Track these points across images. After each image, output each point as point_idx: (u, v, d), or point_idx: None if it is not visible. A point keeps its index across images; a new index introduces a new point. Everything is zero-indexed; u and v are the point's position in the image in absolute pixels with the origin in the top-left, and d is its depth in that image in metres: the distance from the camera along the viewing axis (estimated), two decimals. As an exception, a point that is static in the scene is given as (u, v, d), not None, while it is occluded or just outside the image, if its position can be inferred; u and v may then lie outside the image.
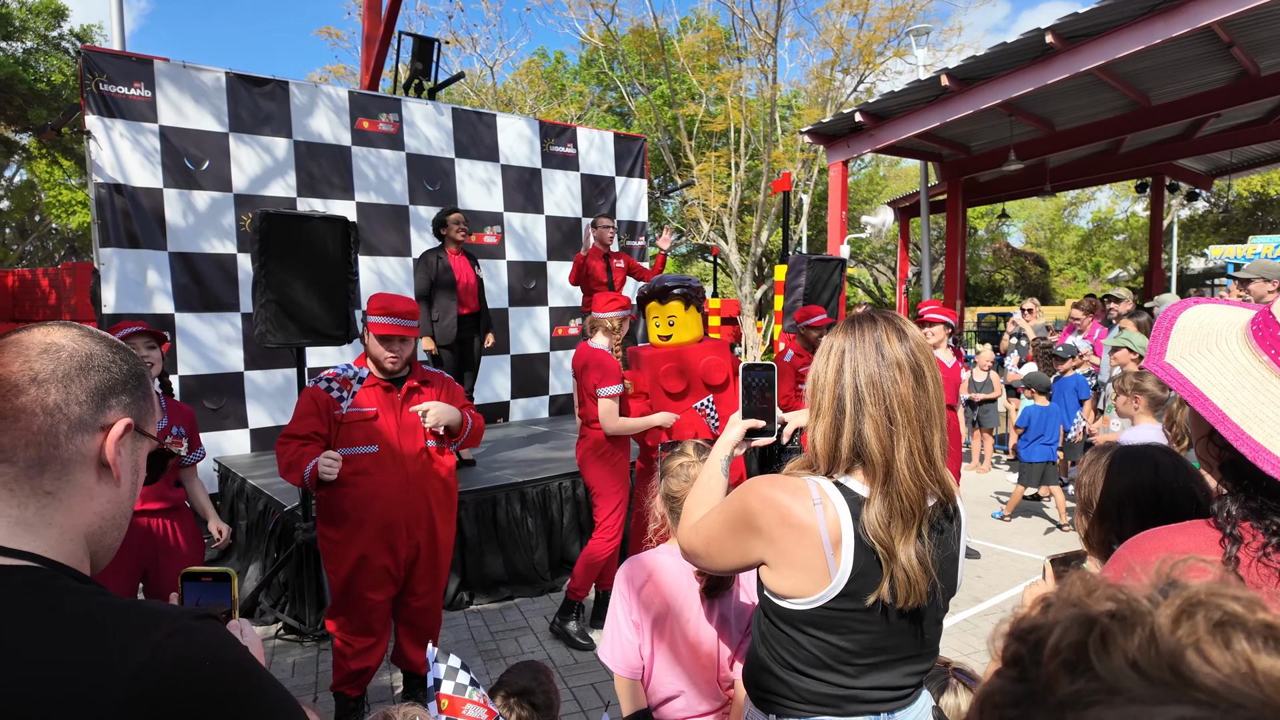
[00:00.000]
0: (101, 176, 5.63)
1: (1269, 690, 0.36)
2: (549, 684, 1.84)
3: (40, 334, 0.81)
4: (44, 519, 0.77)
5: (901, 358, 1.21)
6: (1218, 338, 0.90)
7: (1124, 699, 0.37)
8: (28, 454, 0.77)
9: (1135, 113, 8.80)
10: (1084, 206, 31.53)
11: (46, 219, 24.67)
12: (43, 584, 0.73)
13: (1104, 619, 0.40)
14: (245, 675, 0.76)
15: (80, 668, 0.68)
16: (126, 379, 0.84)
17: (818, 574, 1.20)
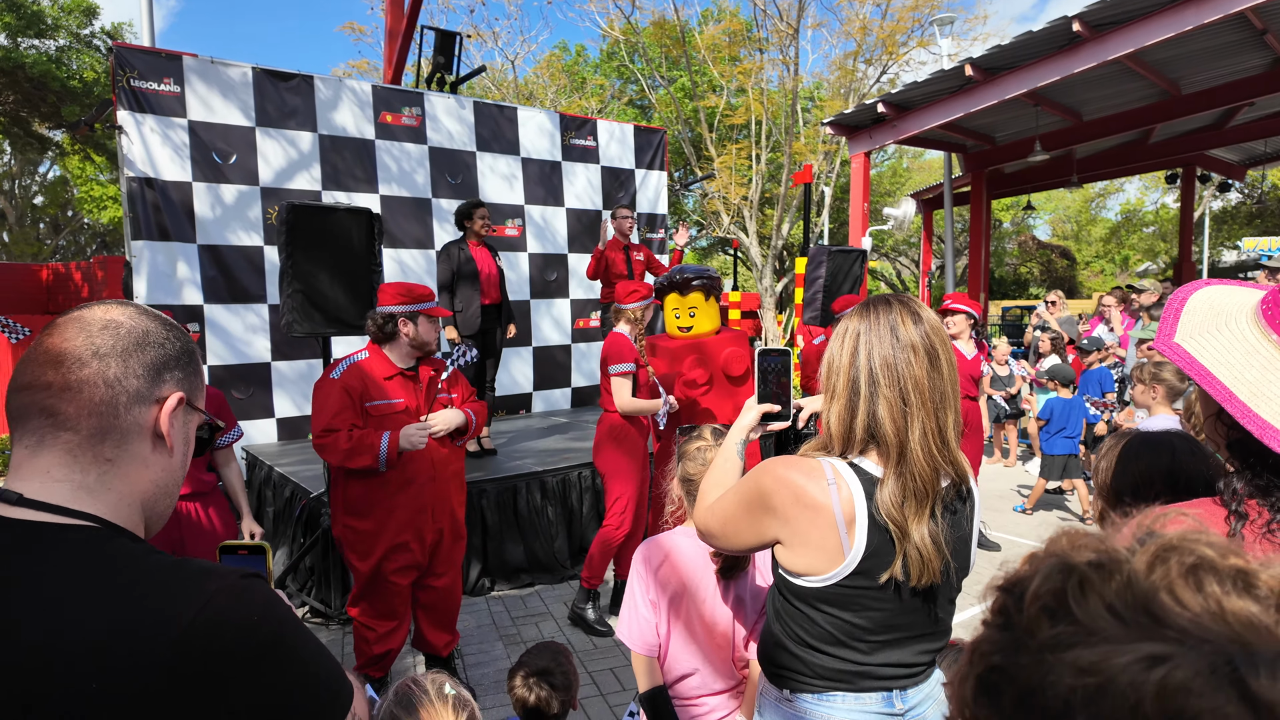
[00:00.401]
0: (133, 170, 5.75)
1: (1236, 627, 0.38)
2: (568, 664, 1.88)
3: (101, 311, 0.86)
4: (104, 484, 0.82)
5: (916, 340, 1.23)
6: (1228, 318, 0.91)
7: (1099, 639, 0.39)
8: (90, 423, 0.81)
9: (1165, 102, 8.64)
10: (1112, 198, 31.00)
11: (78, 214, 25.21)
12: (102, 542, 0.78)
13: (1083, 567, 0.42)
14: (288, 632, 0.80)
15: (136, 618, 0.73)
16: (179, 355, 0.89)
17: (831, 552, 1.22)
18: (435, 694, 1.17)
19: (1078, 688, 0.38)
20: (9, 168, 24.34)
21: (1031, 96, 7.80)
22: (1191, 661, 0.36)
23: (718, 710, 1.76)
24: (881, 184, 25.37)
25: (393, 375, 2.89)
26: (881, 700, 1.26)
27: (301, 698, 0.80)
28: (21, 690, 0.69)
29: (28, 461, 0.81)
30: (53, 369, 0.81)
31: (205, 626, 0.74)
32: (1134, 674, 0.37)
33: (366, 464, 2.71)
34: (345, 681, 0.88)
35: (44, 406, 0.81)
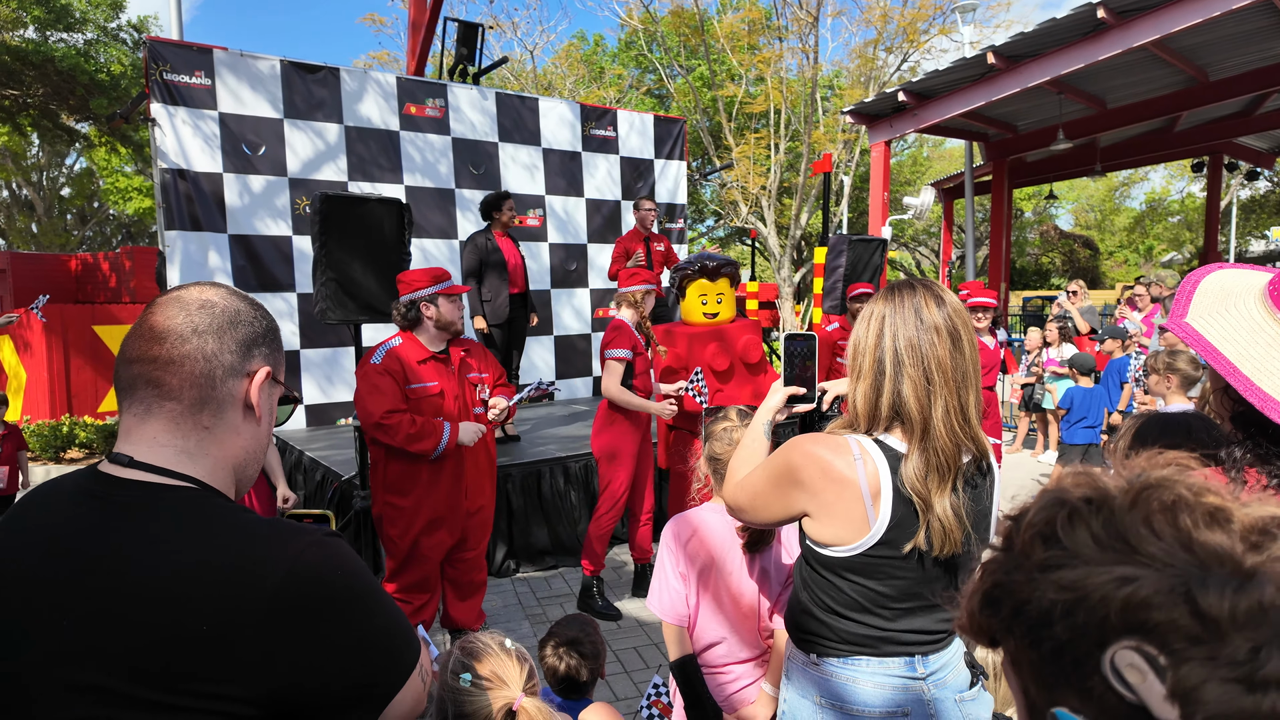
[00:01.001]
0: (166, 162, 5.89)
1: (1201, 555, 0.44)
2: (596, 635, 1.97)
3: (197, 291, 0.94)
4: (202, 450, 0.91)
5: (939, 322, 1.29)
6: (1237, 299, 0.96)
7: (1081, 562, 0.46)
8: (191, 394, 0.90)
9: (1192, 89, 8.53)
10: (1136, 187, 30.53)
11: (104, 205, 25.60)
12: (203, 501, 0.88)
13: (1075, 500, 0.49)
14: (368, 584, 0.89)
15: (237, 567, 0.82)
16: (265, 333, 0.97)
17: (857, 523, 1.29)
18: (498, 646, 1.26)
19: (1058, 601, 0.46)
20: (37, 160, 24.77)
21: (1055, 84, 7.73)
22: (1154, 581, 0.43)
23: (744, 678, 1.84)
24: (901, 173, 25.16)
25: (426, 359, 2.99)
26: (904, 665, 1.33)
27: (378, 645, 0.88)
28: (136, 629, 0.77)
29: (136, 428, 0.90)
30: (157, 344, 0.89)
31: (298, 576, 0.82)
32: (1106, 590, 0.44)
33: (426, 450, 2.83)
34: (415, 635, 0.96)
35: (150, 378, 0.89)
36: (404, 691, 0.90)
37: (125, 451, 0.88)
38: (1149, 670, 0.42)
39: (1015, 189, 13.22)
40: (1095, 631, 0.44)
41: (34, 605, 0.81)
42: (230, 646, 0.78)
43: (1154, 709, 0.42)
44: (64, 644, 0.79)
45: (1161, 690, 0.42)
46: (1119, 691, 0.43)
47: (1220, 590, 0.41)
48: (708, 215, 25.83)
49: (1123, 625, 0.43)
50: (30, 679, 0.79)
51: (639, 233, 5.85)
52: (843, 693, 1.33)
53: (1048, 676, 0.48)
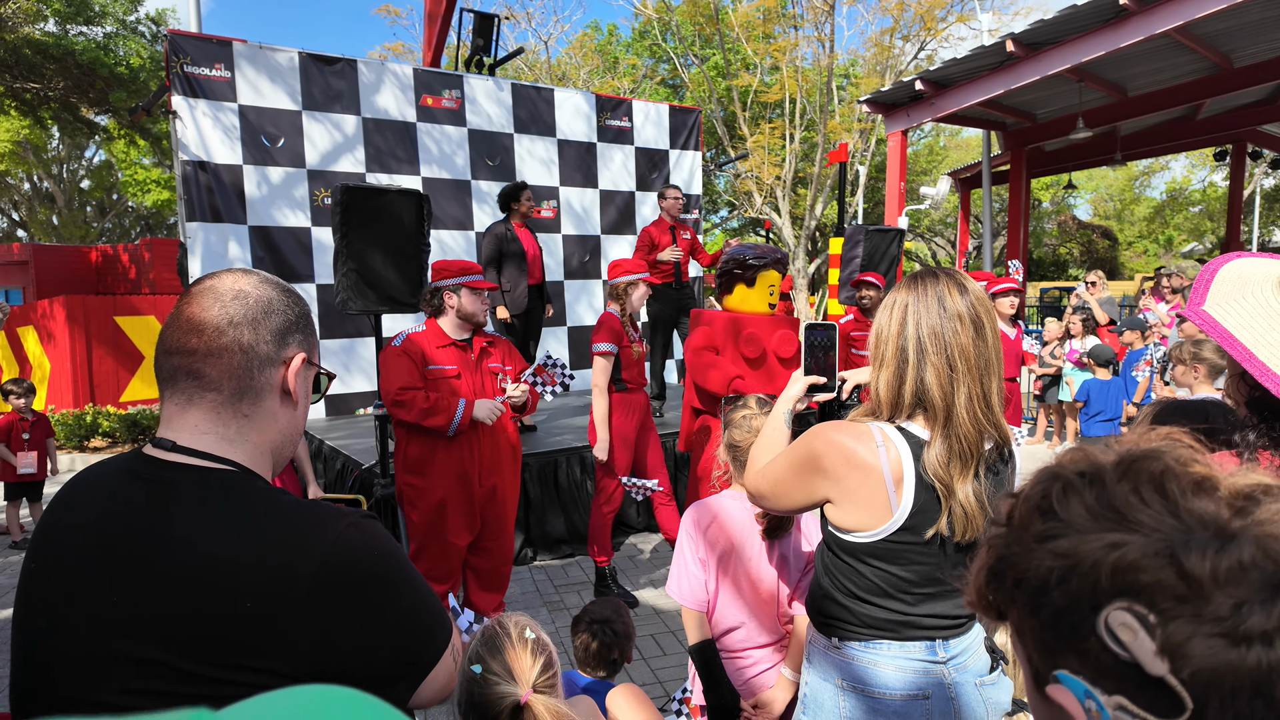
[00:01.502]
0: (186, 154, 5.96)
1: (1187, 520, 0.46)
2: (627, 617, 2.01)
3: (230, 281, 0.95)
4: (242, 436, 0.93)
5: (963, 310, 1.30)
6: (1254, 286, 0.97)
7: (1074, 531, 0.49)
8: (230, 384, 0.92)
9: (1216, 75, 8.41)
10: (1157, 176, 30.09)
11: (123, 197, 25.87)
12: (245, 484, 0.90)
13: (1069, 475, 0.52)
14: (404, 564, 0.93)
15: (277, 548, 0.84)
16: (299, 319, 0.98)
17: (880, 510, 1.30)
18: (517, 637, 1.26)
19: (1054, 569, 0.49)
20: (58, 153, 25.05)
21: (1075, 72, 7.65)
22: (1141, 545, 0.46)
23: (762, 663, 1.87)
24: (918, 163, 24.95)
25: (446, 344, 3.05)
26: (925, 649, 1.35)
27: (414, 623, 0.91)
28: (182, 605, 0.80)
29: (178, 416, 0.92)
30: (195, 336, 0.91)
31: (338, 556, 0.85)
32: (1097, 556, 0.47)
33: (439, 424, 2.88)
34: (447, 617, 0.99)
35: (190, 370, 0.91)
36: (438, 669, 0.93)
37: (168, 437, 0.91)
38: (1140, 628, 0.45)
39: (1033, 178, 13.09)
40: (1089, 595, 0.47)
41: (85, 582, 0.84)
42: (274, 624, 0.80)
43: (1145, 665, 0.45)
44: (114, 619, 0.82)
45: (1152, 646, 0.44)
46: (1114, 650, 0.46)
47: (1202, 551, 0.44)
48: (721, 206, 25.74)
49: (1114, 588, 0.46)
50: (82, 652, 0.82)
51: (665, 222, 5.83)
52: (864, 676, 1.35)
53: (1048, 641, 0.51)
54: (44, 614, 0.87)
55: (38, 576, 0.89)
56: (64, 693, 0.83)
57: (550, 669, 1.25)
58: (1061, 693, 0.50)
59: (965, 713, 1.35)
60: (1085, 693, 0.48)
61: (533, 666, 1.22)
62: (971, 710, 1.36)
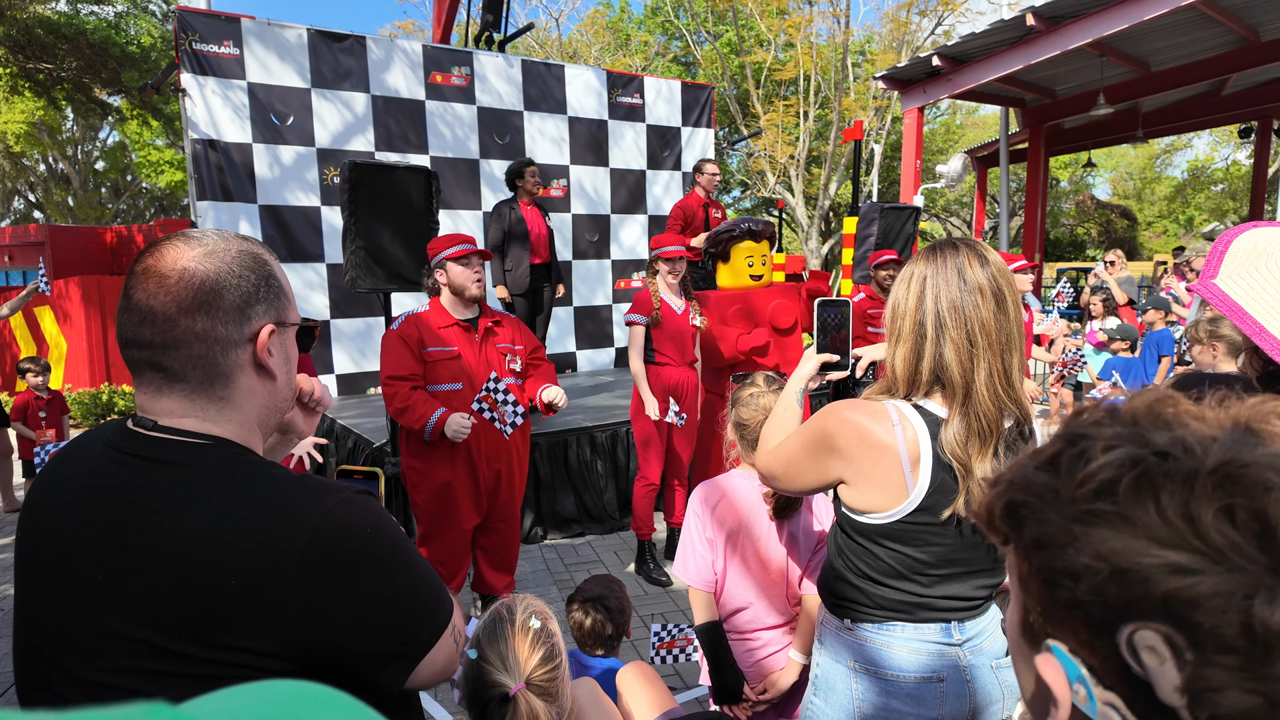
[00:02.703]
0: (196, 133, 5.94)
1: (1274, 557, 0.38)
2: (621, 593, 2.00)
3: (171, 258, 0.85)
4: (224, 416, 0.90)
5: (983, 282, 1.24)
6: (1267, 259, 0.93)
7: (1132, 531, 0.41)
8: (196, 373, 0.87)
9: (1242, 49, 8.19)
10: (1179, 155, 29.52)
11: (137, 178, 25.97)
12: (235, 458, 0.88)
13: (1150, 458, 0.42)
14: (399, 541, 0.89)
15: (269, 522, 0.82)
16: (257, 286, 0.89)
17: (895, 490, 1.27)
18: (520, 625, 1.23)
19: (1092, 568, 0.42)
20: (72, 134, 25.15)
21: (1097, 47, 7.47)
22: (1214, 583, 0.38)
23: (771, 644, 1.85)
24: (934, 141, 24.59)
25: (449, 325, 3.00)
26: (940, 631, 1.32)
27: (409, 602, 0.89)
28: (168, 582, 0.78)
29: (152, 403, 0.88)
30: (148, 327, 0.85)
31: (328, 532, 0.82)
32: (1153, 574, 0.39)
33: (411, 426, 2.84)
34: (446, 596, 0.95)
35: (152, 362, 0.86)
36: (436, 650, 0.90)
37: (148, 419, 0.88)
38: (1170, 658, 0.39)
39: (1052, 157, 12.86)
40: (1123, 605, 0.41)
41: (71, 558, 0.83)
42: (261, 601, 0.78)
43: (1161, 693, 0.40)
44: (100, 595, 0.80)
45: (1177, 681, 0.39)
46: (1126, 660, 0.41)
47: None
48: (734, 186, 25.53)
49: (1158, 611, 0.39)
50: (75, 628, 0.81)
51: (699, 197, 5.75)
52: (877, 658, 1.33)
53: (1055, 614, 0.45)
54: (38, 589, 0.86)
55: (27, 551, 0.88)
56: (62, 668, 0.82)
57: (551, 662, 1.21)
58: (1051, 666, 0.45)
59: (980, 695, 1.33)
60: (1078, 677, 0.44)
61: (530, 657, 1.19)
62: (987, 693, 1.33)
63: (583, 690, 1.42)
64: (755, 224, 3.97)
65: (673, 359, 3.85)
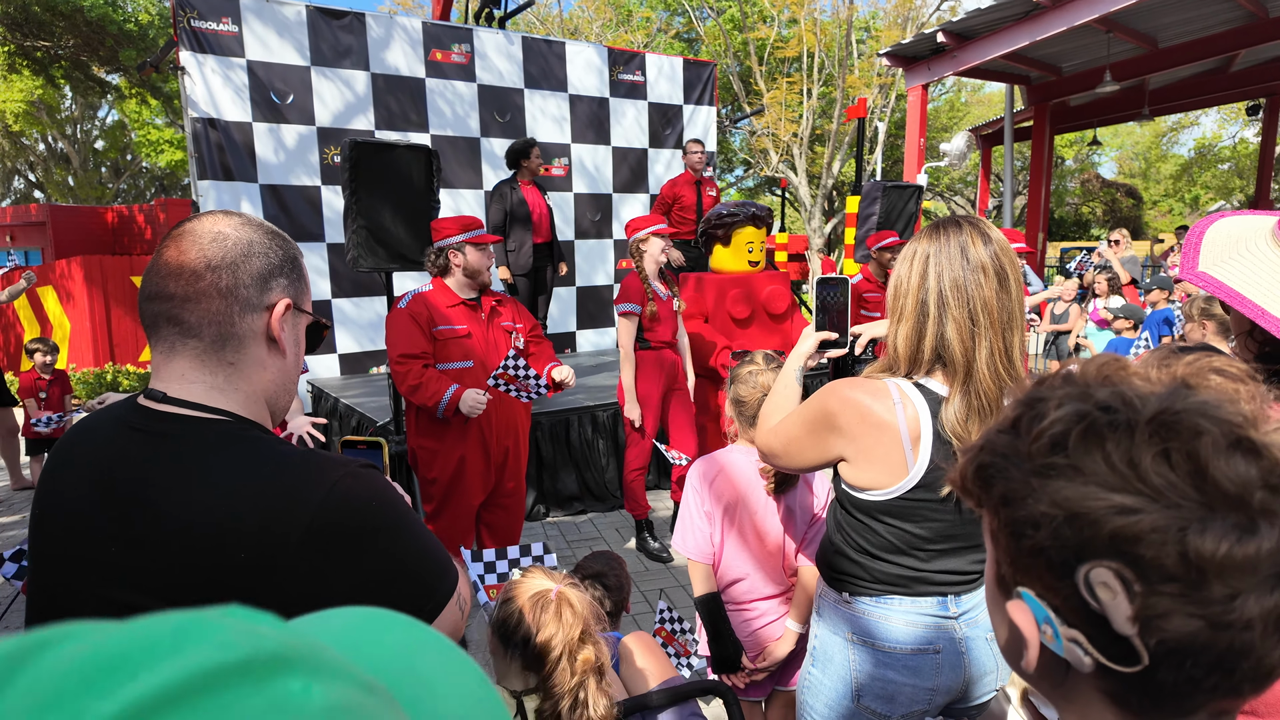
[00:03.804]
0: (196, 111, 5.92)
1: (1211, 495, 0.42)
2: (620, 569, 2.03)
3: (210, 223, 0.91)
4: (231, 385, 0.91)
5: (986, 261, 1.25)
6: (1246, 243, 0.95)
7: (1082, 479, 0.45)
8: (211, 330, 0.89)
9: (1251, 25, 8.09)
10: (1185, 133, 29.24)
11: (137, 158, 25.86)
12: (240, 433, 0.89)
13: (1096, 412, 0.46)
14: (401, 513, 0.91)
15: (274, 496, 0.84)
16: (283, 263, 0.94)
17: (896, 468, 1.28)
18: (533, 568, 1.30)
19: (1049, 515, 0.46)
20: (71, 113, 25.01)
21: (1103, 22, 7.39)
22: (1153, 519, 0.42)
23: (768, 614, 1.89)
24: (938, 119, 24.36)
25: (456, 304, 3.02)
26: (936, 604, 1.34)
27: (413, 574, 0.91)
28: (176, 555, 0.81)
29: (164, 365, 0.90)
30: (173, 281, 0.88)
31: (333, 505, 0.84)
32: (1100, 515, 0.44)
33: (424, 403, 2.85)
34: (451, 564, 0.98)
35: (170, 316, 0.89)
36: (440, 619, 0.92)
37: (158, 388, 0.90)
38: (1121, 591, 0.43)
39: (1057, 135, 12.74)
40: (1079, 547, 0.45)
41: (82, 531, 0.85)
42: (268, 574, 0.80)
43: (1115, 624, 0.43)
44: (114, 568, 0.82)
45: (1128, 611, 0.43)
46: (1084, 597, 0.45)
47: (1219, 536, 0.41)
48: (737, 164, 25.36)
49: (1107, 549, 0.43)
50: (90, 602, 0.84)
51: (690, 177, 5.72)
52: (874, 630, 1.35)
53: (1021, 563, 0.49)
54: (52, 563, 0.88)
55: (41, 526, 0.90)
56: None
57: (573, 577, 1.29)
58: (1021, 611, 0.49)
59: (975, 667, 1.36)
60: (1045, 618, 0.48)
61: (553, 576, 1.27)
62: (981, 664, 1.36)
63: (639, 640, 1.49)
64: (759, 209, 3.96)
65: (665, 341, 3.87)
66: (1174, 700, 0.46)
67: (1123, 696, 0.47)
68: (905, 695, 1.33)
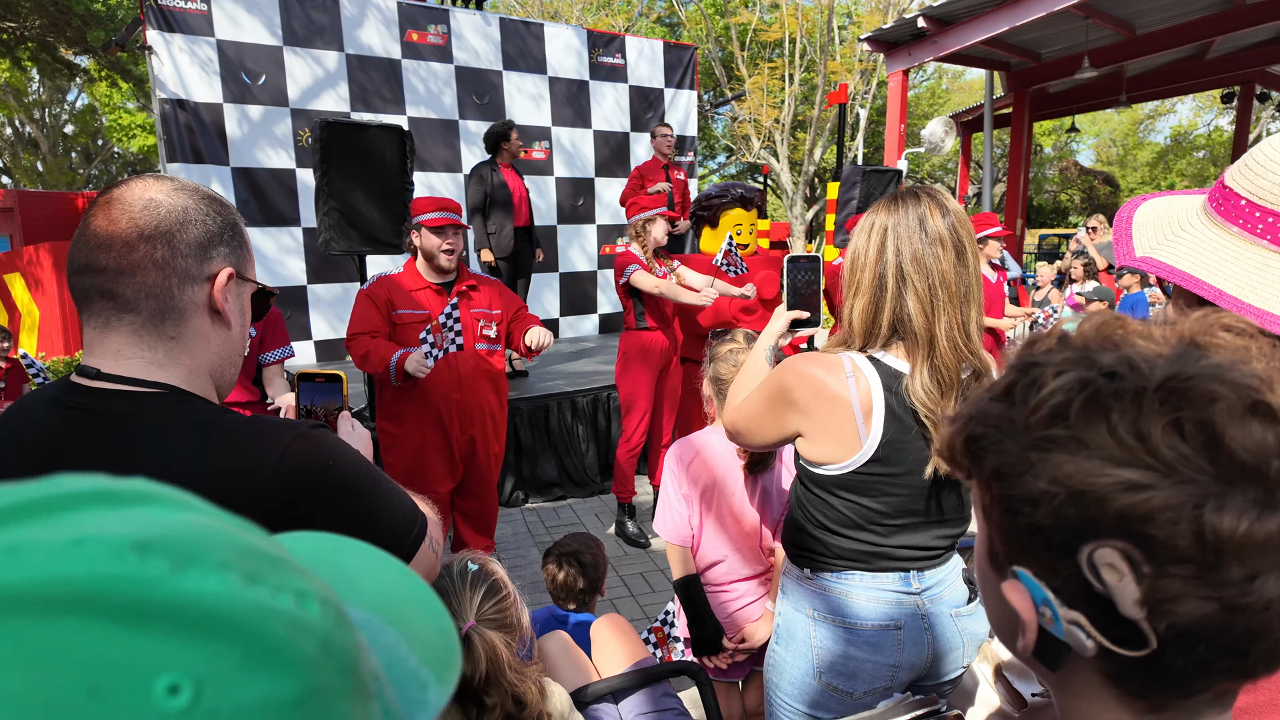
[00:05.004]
0: (164, 92, 5.77)
1: (1227, 468, 0.38)
2: (596, 549, 2.02)
3: (139, 189, 0.84)
4: (173, 360, 0.87)
5: (944, 233, 1.23)
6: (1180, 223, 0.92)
7: (1086, 453, 0.41)
8: (149, 305, 0.84)
9: (1228, 12, 8.14)
10: (1162, 120, 29.56)
11: (108, 143, 25.33)
12: (181, 404, 0.85)
13: (1099, 378, 0.42)
14: (357, 472, 0.89)
15: (224, 466, 0.81)
16: (223, 229, 0.89)
17: (849, 441, 1.27)
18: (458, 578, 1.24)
19: (1049, 493, 0.42)
20: (39, 96, 24.41)
21: (1082, 9, 7.40)
22: (1166, 496, 0.39)
23: (746, 596, 1.87)
24: (919, 106, 24.43)
25: (422, 288, 2.95)
26: (898, 580, 1.33)
27: (378, 528, 0.88)
28: None
29: (99, 342, 0.85)
30: (104, 252, 0.82)
31: (286, 470, 0.82)
32: (1107, 493, 0.40)
33: (374, 369, 2.80)
34: (418, 513, 0.95)
35: (103, 290, 0.83)
36: (415, 564, 0.91)
37: (92, 365, 0.85)
38: (1129, 573, 0.40)
39: (1036, 122, 12.81)
40: (1081, 526, 0.41)
41: None
42: None
43: (1121, 607, 0.41)
44: None
45: (1136, 594, 0.40)
46: (1087, 578, 0.42)
47: (1237, 514, 0.38)
48: (719, 151, 25.30)
49: (1114, 528, 0.40)
50: None
51: (658, 161, 5.69)
52: (836, 606, 1.34)
53: (1017, 542, 0.46)
54: None
55: None
56: None
57: (496, 595, 1.22)
58: (1017, 591, 0.46)
59: (939, 643, 1.35)
60: (1043, 600, 0.44)
61: (473, 597, 1.20)
62: (946, 640, 1.35)
63: (554, 643, 1.43)
64: (748, 191, 3.92)
65: (659, 324, 3.84)
66: (1181, 683, 0.43)
67: (1125, 678, 0.44)
68: (867, 672, 1.32)
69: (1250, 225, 0.87)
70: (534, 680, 1.18)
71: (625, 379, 3.87)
